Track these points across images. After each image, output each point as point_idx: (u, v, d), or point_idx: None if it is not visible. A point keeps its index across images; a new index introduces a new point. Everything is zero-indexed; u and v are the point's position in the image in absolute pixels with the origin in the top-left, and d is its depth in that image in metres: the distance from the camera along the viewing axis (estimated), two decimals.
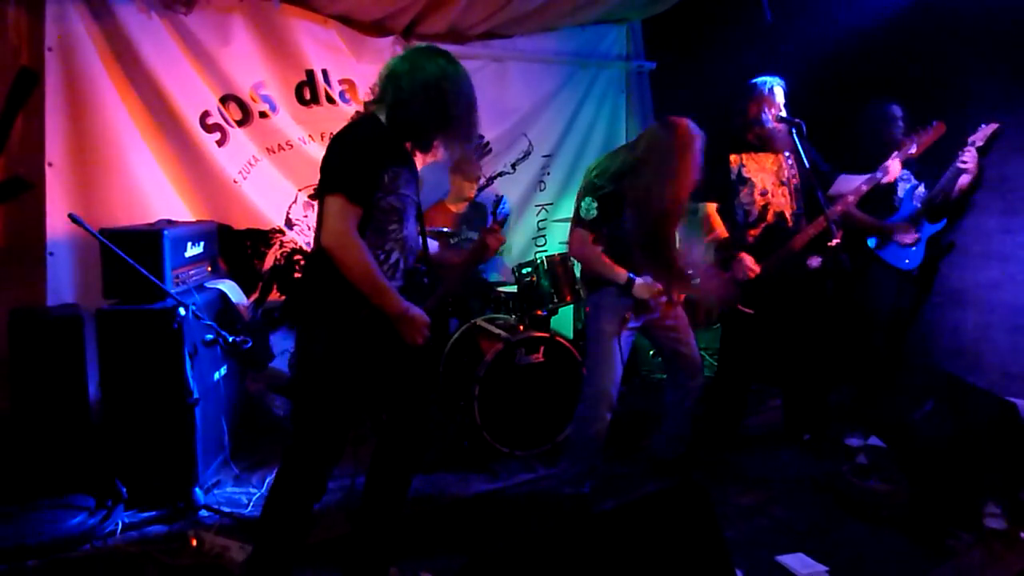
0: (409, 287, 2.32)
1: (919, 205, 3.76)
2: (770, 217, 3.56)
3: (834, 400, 4.16)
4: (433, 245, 2.66)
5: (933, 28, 4.11)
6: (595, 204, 3.02)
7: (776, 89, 3.49)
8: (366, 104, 2.36)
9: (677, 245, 3.23)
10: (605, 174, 3.04)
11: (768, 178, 3.56)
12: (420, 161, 2.46)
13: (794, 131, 3.32)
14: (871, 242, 3.89)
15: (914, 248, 3.81)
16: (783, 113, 3.44)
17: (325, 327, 2.23)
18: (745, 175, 3.56)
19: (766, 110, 3.46)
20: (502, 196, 2.90)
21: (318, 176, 2.27)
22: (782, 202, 3.56)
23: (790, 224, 3.55)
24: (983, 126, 3.55)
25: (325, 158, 2.23)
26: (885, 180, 3.45)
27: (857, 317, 4.03)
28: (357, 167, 2.16)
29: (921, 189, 3.82)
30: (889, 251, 3.84)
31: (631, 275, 3.04)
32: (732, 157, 3.57)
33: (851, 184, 3.51)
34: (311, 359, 2.28)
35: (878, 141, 3.80)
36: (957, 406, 3.08)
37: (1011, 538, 2.82)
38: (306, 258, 2.30)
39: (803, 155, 3.32)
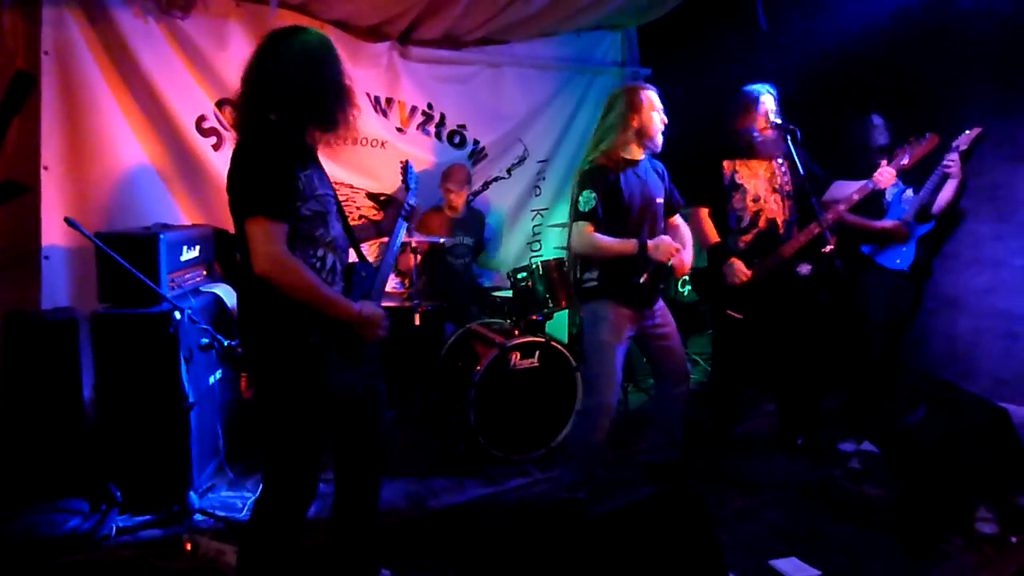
0: (349, 285, 2.26)
1: (907, 208, 3.79)
2: (762, 223, 3.58)
3: (828, 405, 4.17)
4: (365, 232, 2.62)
5: (924, 38, 4.15)
6: (593, 195, 3.01)
7: (766, 97, 3.51)
8: (248, 109, 2.15)
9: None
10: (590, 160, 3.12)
11: (761, 184, 3.59)
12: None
13: (788, 137, 3.34)
14: (866, 249, 3.92)
15: (904, 248, 3.84)
16: (777, 120, 3.47)
17: (279, 360, 2.12)
18: (738, 181, 3.58)
19: (757, 118, 3.49)
20: (407, 161, 2.85)
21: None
22: (774, 209, 3.58)
23: (781, 231, 3.57)
24: (967, 131, 3.59)
25: (233, 180, 2.10)
26: (880, 186, 3.46)
27: (852, 322, 4.05)
28: (271, 182, 2.02)
29: (909, 193, 3.86)
30: (880, 253, 3.88)
31: (641, 240, 3.02)
32: (725, 163, 3.60)
33: (844, 191, 3.53)
34: (272, 392, 2.17)
35: (863, 150, 3.87)
36: (949, 411, 3.09)
37: (1002, 542, 2.84)
38: (240, 291, 2.20)
39: (797, 161, 3.34)
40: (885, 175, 3.43)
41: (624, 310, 3.11)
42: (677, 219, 3.37)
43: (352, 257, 2.38)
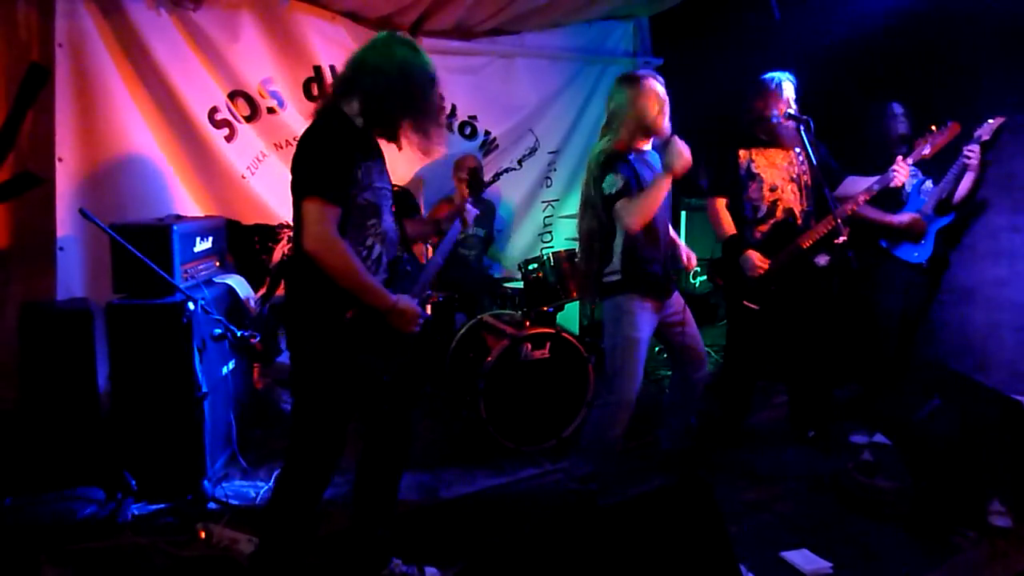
0: (393, 278, 2.32)
1: (926, 199, 3.76)
2: (779, 214, 3.54)
3: (840, 397, 4.15)
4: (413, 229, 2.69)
5: (942, 25, 4.09)
6: (617, 176, 2.94)
7: (785, 84, 3.47)
8: (329, 97, 2.31)
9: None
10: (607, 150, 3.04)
11: (778, 174, 3.55)
12: (410, 157, 2.41)
13: (802, 128, 3.31)
14: (883, 241, 3.89)
15: (923, 241, 3.80)
16: (792, 110, 3.43)
17: (313, 330, 2.22)
18: (754, 171, 3.55)
19: (774, 106, 3.45)
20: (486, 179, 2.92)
21: None
22: (791, 199, 3.55)
23: (799, 222, 3.54)
24: (989, 120, 3.53)
25: (297, 161, 2.20)
26: (894, 184, 3.42)
27: (866, 314, 4.03)
28: (330, 167, 2.12)
29: (928, 184, 3.82)
30: (898, 246, 3.84)
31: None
32: (741, 152, 3.57)
33: (859, 185, 3.49)
34: (303, 361, 2.29)
35: (882, 140, 3.81)
36: (963, 404, 3.08)
37: (1016, 536, 2.82)
38: (289, 262, 2.31)
39: (811, 152, 3.31)
40: (900, 172, 3.38)
41: (648, 303, 3.06)
42: None
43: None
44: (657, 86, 3.02)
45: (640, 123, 3.00)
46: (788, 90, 3.47)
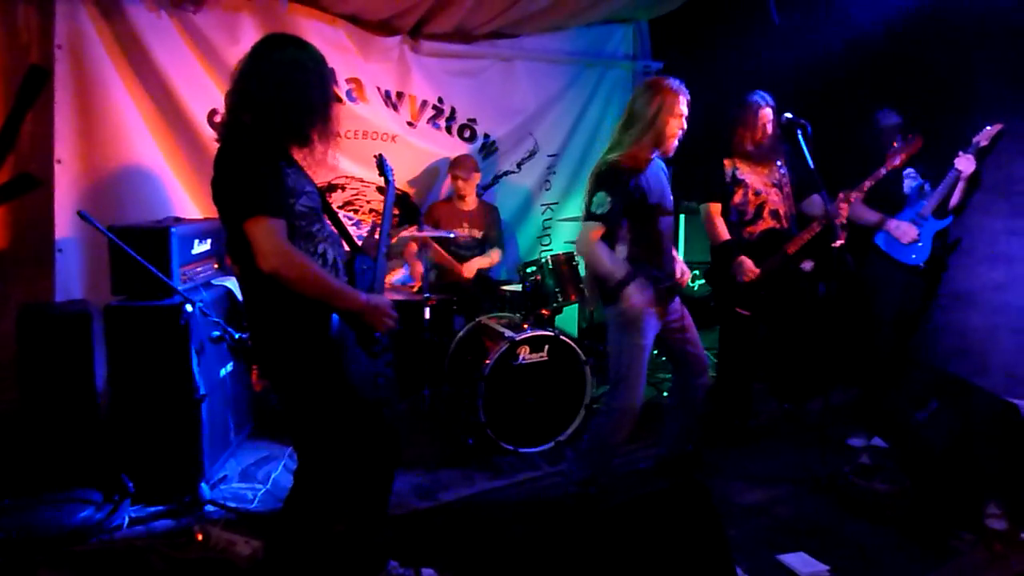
0: (353, 279, 2.27)
1: (924, 202, 3.77)
2: (766, 215, 3.66)
3: (838, 400, 4.15)
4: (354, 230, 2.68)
5: (939, 32, 4.11)
6: (608, 199, 2.86)
7: (763, 112, 3.57)
8: (228, 114, 2.17)
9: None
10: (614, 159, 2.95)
11: (760, 180, 3.68)
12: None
13: (799, 132, 3.33)
14: (880, 243, 3.90)
15: (920, 244, 3.81)
16: (788, 115, 3.45)
17: (299, 354, 2.14)
18: (739, 176, 3.68)
19: (750, 136, 3.60)
20: (380, 155, 2.89)
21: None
22: (776, 200, 3.67)
23: (785, 224, 3.66)
24: (987, 127, 3.55)
25: (222, 185, 2.07)
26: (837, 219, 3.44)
27: (863, 316, 4.04)
28: (262, 181, 2.00)
29: (926, 188, 3.83)
30: (895, 247, 3.85)
31: (629, 274, 2.90)
32: (726, 162, 3.69)
33: (816, 206, 3.65)
34: (298, 390, 2.19)
35: (878, 147, 3.86)
36: (960, 407, 3.08)
37: (1012, 538, 2.83)
38: (246, 297, 2.23)
39: (808, 157, 3.32)
40: (852, 207, 3.57)
41: (654, 310, 3.05)
42: None
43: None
44: (684, 104, 2.95)
45: (657, 135, 2.93)
46: (765, 118, 3.58)
